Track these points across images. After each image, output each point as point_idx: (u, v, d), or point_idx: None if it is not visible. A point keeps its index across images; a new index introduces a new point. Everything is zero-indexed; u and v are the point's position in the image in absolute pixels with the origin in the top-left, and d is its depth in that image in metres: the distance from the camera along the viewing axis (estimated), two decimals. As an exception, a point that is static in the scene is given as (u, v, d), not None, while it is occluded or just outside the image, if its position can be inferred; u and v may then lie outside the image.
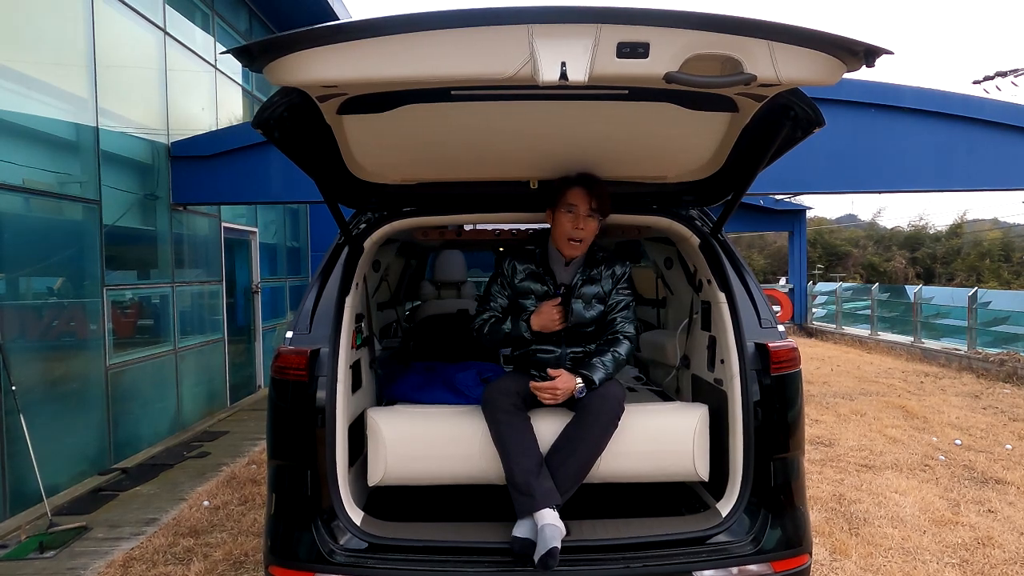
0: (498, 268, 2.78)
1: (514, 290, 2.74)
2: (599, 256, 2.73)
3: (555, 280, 2.70)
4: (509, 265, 2.75)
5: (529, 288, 2.72)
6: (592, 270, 2.70)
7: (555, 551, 2.10)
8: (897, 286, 22.05)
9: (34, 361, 5.02)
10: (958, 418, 7.16)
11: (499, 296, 2.77)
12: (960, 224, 35.01)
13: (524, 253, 2.76)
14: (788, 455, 2.44)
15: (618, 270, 2.72)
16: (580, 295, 2.68)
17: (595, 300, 2.69)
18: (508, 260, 2.76)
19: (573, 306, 2.67)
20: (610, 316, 2.70)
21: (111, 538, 4.21)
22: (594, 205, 2.55)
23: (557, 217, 2.60)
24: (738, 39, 1.63)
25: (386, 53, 1.64)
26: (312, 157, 2.37)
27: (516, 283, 2.74)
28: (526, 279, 2.73)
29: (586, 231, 2.58)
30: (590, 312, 2.68)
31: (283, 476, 2.39)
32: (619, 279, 2.71)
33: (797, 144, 2.27)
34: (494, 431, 2.44)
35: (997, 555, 3.73)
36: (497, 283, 2.78)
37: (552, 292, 2.69)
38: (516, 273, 2.74)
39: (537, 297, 2.70)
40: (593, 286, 2.69)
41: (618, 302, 2.70)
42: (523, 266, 2.74)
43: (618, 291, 2.71)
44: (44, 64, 5.30)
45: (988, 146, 7.31)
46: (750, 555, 2.30)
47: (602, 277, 2.70)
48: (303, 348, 2.36)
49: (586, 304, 2.68)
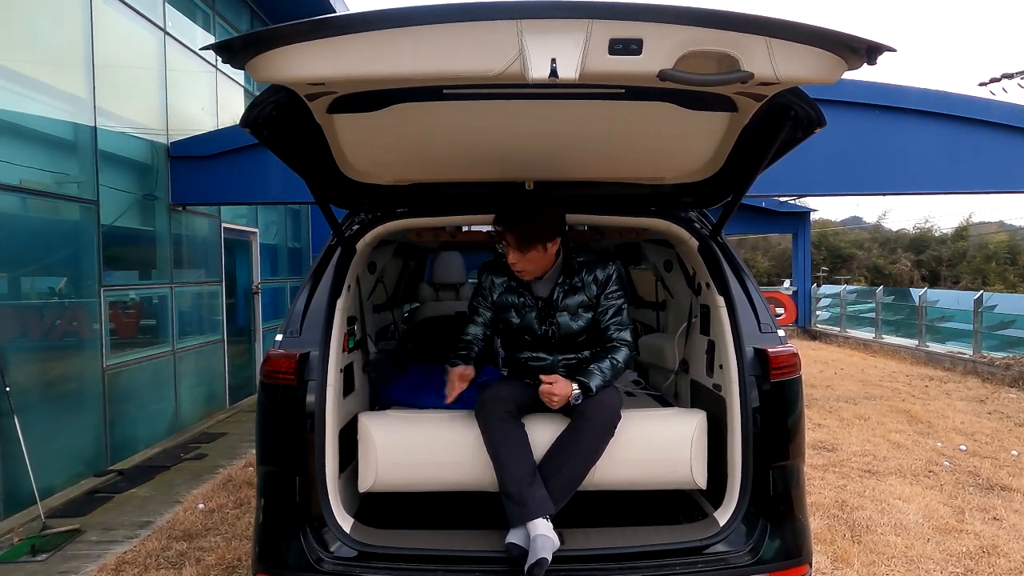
0: (479, 282, 2.73)
1: (494, 305, 2.68)
2: (576, 265, 2.61)
3: (532, 293, 2.62)
4: (487, 280, 2.69)
5: (508, 302, 2.65)
6: (572, 279, 2.60)
7: (544, 562, 2.06)
8: (902, 289, 21.96)
9: (30, 362, 4.99)
10: (963, 423, 7.08)
11: (483, 310, 2.71)
12: (966, 227, 34.88)
13: (500, 267, 2.67)
14: (788, 463, 2.39)
15: (600, 274, 2.61)
16: (564, 307, 2.59)
17: (581, 309, 2.60)
18: (486, 274, 2.71)
19: (558, 319, 2.59)
20: (603, 325, 2.61)
21: (104, 541, 4.17)
22: (511, 241, 2.44)
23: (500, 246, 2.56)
24: (735, 35, 1.58)
25: (371, 49, 1.59)
26: (303, 157, 2.33)
27: (495, 298, 2.67)
28: (504, 293, 2.66)
29: (521, 263, 2.49)
30: (578, 323, 2.60)
31: (272, 482, 2.36)
32: (604, 283, 2.61)
33: (798, 145, 2.22)
34: (487, 438, 2.39)
35: (1003, 564, 3.67)
36: (479, 297, 2.72)
37: (531, 305, 2.61)
38: (494, 288, 2.68)
39: (516, 311, 2.63)
40: (576, 295, 2.59)
41: (608, 308, 2.61)
42: (500, 280, 2.67)
43: (606, 296, 2.61)
44: (42, 63, 5.28)
45: (994, 148, 7.24)
46: (748, 565, 2.25)
47: (585, 284, 2.60)
48: (292, 352, 2.33)
49: (572, 315, 2.59)
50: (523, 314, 2.62)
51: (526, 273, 2.54)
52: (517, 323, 2.63)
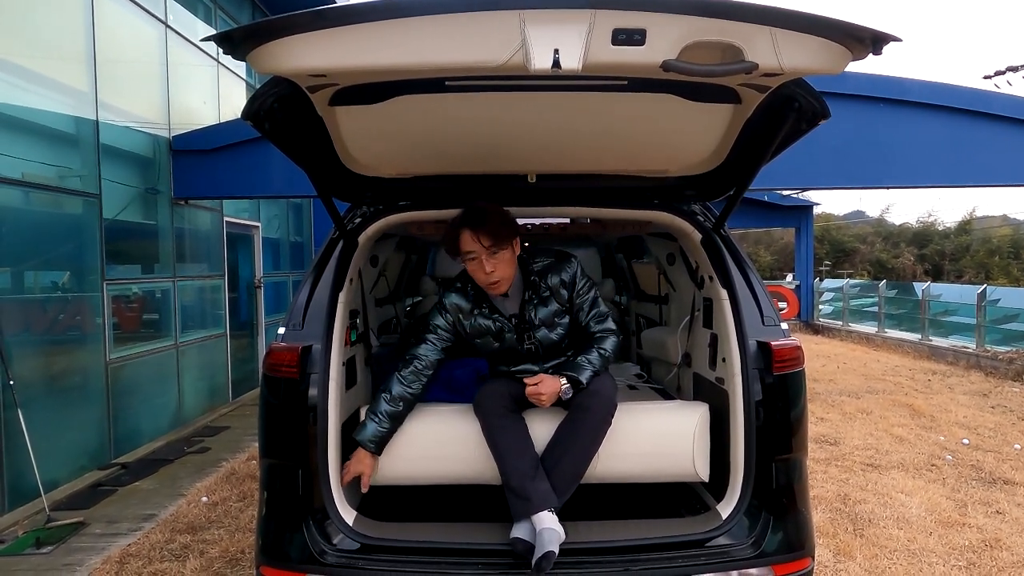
0: (441, 304, 2.58)
1: (466, 332, 2.57)
2: (536, 272, 2.53)
3: (503, 314, 2.54)
4: (452, 304, 2.56)
5: (482, 327, 2.54)
6: (538, 289, 2.51)
7: (551, 555, 2.06)
8: (905, 283, 21.91)
9: (33, 356, 5.00)
10: (966, 417, 7.07)
11: (443, 332, 2.55)
12: (969, 220, 34.73)
13: (465, 292, 2.55)
14: (790, 456, 2.38)
15: (566, 275, 2.52)
16: (541, 322, 2.52)
17: (557, 318, 2.53)
18: (452, 298, 2.57)
19: (537, 336, 2.54)
20: (583, 323, 2.56)
21: (108, 534, 4.19)
22: (486, 243, 2.34)
23: (467, 266, 2.44)
24: (739, 25, 1.57)
25: (373, 40, 1.58)
26: (304, 150, 2.32)
27: (465, 324, 2.55)
28: (477, 319, 2.54)
29: (499, 271, 2.38)
30: (557, 331, 2.55)
31: (275, 475, 2.36)
32: (571, 283, 2.53)
33: (802, 137, 2.20)
34: (488, 434, 2.39)
35: (1005, 558, 3.67)
36: (441, 319, 2.55)
37: (507, 326, 2.53)
38: (462, 313, 2.55)
39: (494, 337, 2.54)
40: (548, 306, 2.52)
41: (582, 305, 2.55)
42: (467, 305, 2.54)
43: (577, 294, 2.54)
44: (44, 57, 5.27)
45: (998, 141, 7.19)
46: (750, 558, 2.25)
47: (553, 291, 2.52)
48: (295, 345, 2.32)
49: (550, 327, 2.53)
50: (503, 338, 2.55)
51: (502, 282, 2.42)
52: (497, 347, 2.57)
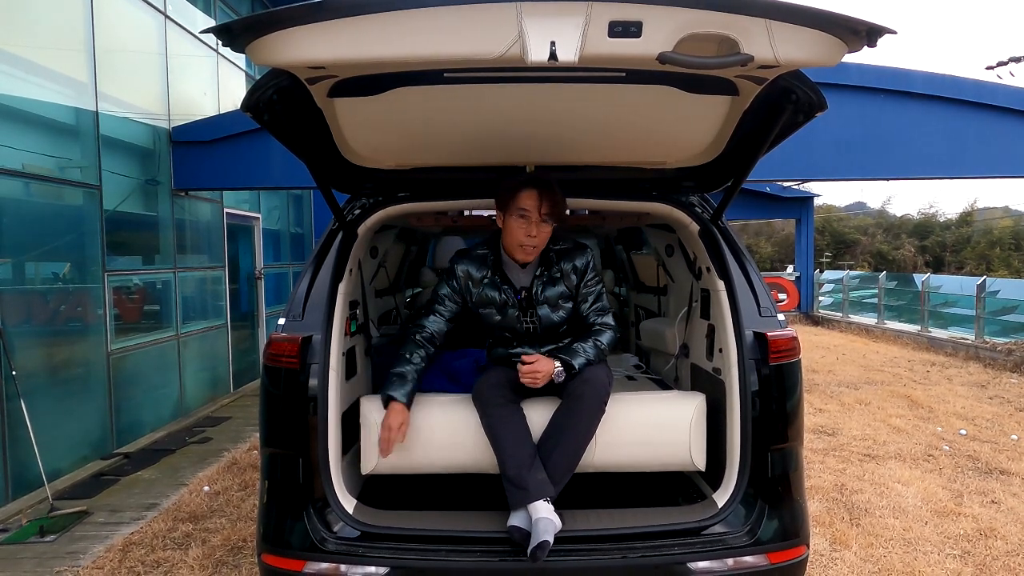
0: (451, 271, 2.62)
1: (472, 300, 2.61)
2: (552, 256, 2.58)
3: (513, 287, 2.58)
4: (463, 271, 2.60)
5: (488, 298, 2.58)
6: (551, 269, 2.57)
7: (546, 544, 2.08)
8: (905, 274, 21.90)
9: (35, 346, 5.03)
10: (964, 408, 7.10)
11: (451, 302, 2.61)
12: (970, 212, 34.68)
13: (477, 258, 2.61)
14: (786, 446, 2.40)
15: (579, 262, 2.58)
16: (544, 299, 2.56)
17: (561, 300, 2.57)
18: (462, 265, 2.61)
19: (539, 312, 2.57)
20: (584, 313, 2.60)
21: (111, 523, 4.23)
22: (545, 211, 2.40)
23: (508, 222, 2.46)
24: (735, 18, 1.57)
25: (371, 32, 1.59)
26: (304, 141, 2.33)
27: (473, 292, 2.59)
28: (485, 288, 2.58)
29: (539, 238, 2.45)
30: (558, 313, 2.58)
31: (275, 464, 2.38)
32: (583, 272, 2.58)
33: (799, 128, 2.21)
34: (486, 424, 2.41)
35: (999, 547, 3.70)
36: (450, 287, 2.61)
37: (512, 300, 2.57)
38: (472, 281, 2.59)
39: (497, 308, 2.58)
40: (556, 287, 2.56)
41: (587, 296, 2.59)
42: (479, 273, 2.59)
43: (585, 284, 2.58)
44: (43, 47, 5.26)
45: (1000, 132, 7.18)
46: (746, 546, 2.27)
47: (564, 274, 2.57)
48: (295, 335, 2.34)
49: (552, 307, 2.57)
50: (504, 312, 2.58)
51: (535, 251, 2.50)
52: (498, 320, 2.60)
